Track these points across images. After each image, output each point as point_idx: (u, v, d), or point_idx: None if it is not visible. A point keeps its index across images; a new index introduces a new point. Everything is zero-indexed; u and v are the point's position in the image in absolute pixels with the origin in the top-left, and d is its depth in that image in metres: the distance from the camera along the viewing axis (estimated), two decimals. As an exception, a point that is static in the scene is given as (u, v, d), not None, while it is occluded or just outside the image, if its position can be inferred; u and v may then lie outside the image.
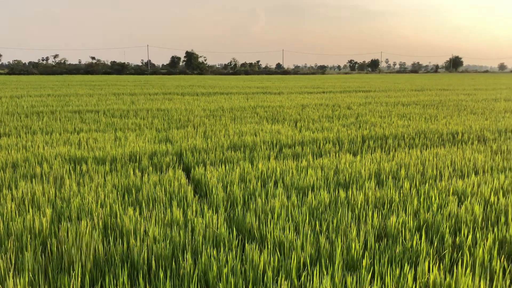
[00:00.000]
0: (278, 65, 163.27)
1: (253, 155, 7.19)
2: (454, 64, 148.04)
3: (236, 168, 6.11)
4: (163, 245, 3.55)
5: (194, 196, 5.09)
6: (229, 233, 3.90)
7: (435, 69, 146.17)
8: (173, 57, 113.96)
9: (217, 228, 3.92)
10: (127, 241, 3.70)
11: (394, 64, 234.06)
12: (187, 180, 5.73)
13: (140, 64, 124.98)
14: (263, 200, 4.75)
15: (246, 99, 19.76)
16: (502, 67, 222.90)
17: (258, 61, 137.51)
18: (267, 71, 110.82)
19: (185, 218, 4.26)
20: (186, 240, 3.69)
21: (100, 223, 4.09)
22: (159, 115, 12.98)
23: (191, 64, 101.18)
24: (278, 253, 3.44)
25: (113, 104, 16.13)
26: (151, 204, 4.64)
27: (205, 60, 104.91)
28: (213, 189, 5.10)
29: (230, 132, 9.55)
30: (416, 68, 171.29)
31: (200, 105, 15.97)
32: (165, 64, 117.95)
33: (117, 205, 4.56)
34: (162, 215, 4.31)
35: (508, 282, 3.04)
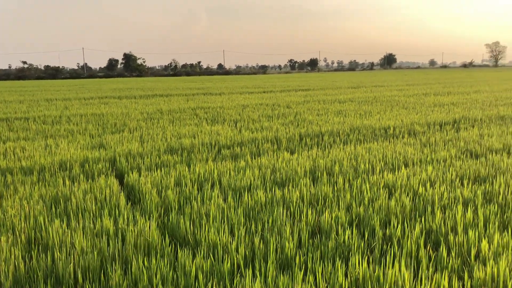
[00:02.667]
0: (220, 66, 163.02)
1: (190, 157, 7.08)
2: (389, 61, 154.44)
3: (172, 172, 5.99)
4: (91, 256, 3.39)
5: (127, 203, 4.92)
6: (162, 240, 3.79)
7: (371, 66, 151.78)
8: (110, 60, 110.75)
9: (149, 235, 3.80)
10: (52, 255, 3.49)
11: (332, 63, 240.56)
12: (120, 187, 5.54)
13: (76, 67, 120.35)
14: (199, 204, 4.68)
15: (186, 100, 19.53)
16: (432, 62, 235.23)
17: (199, 62, 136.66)
18: (208, 71, 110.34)
19: (116, 227, 4.10)
20: (116, 250, 3.54)
21: (23, 238, 3.85)
22: (94, 120, 12.52)
23: (130, 67, 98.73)
24: (212, 257, 3.39)
25: (44, 110, 15.38)
26: (80, 215, 4.43)
27: (144, 62, 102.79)
28: (147, 195, 4.95)
29: (168, 135, 9.37)
30: (353, 66, 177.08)
31: (137, 108, 15.58)
32: (102, 67, 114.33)
33: (43, 217, 4.31)
34: (92, 225, 4.13)
35: (432, 270, 3.16)
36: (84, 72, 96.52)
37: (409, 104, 15.73)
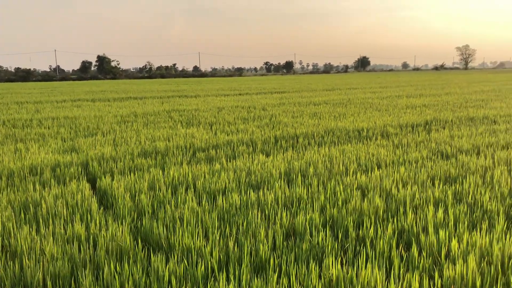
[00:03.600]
0: (195, 68, 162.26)
1: (165, 161, 7.01)
2: (363, 64, 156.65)
3: (146, 176, 5.92)
4: (61, 263, 3.31)
5: (99, 208, 4.84)
6: (135, 245, 3.74)
7: (345, 69, 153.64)
8: (84, 62, 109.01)
9: (122, 240, 3.74)
10: (20, 262, 3.40)
11: (308, 65, 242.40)
12: (92, 192, 5.44)
13: (48, 70, 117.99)
14: (173, 208, 4.63)
15: (161, 103, 19.36)
16: (405, 65, 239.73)
17: (174, 64, 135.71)
18: (184, 74, 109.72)
19: (88, 232, 4.03)
20: (87, 256, 3.48)
21: (-10, 245, 3.74)
22: (66, 123, 12.28)
23: (104, 69, 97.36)
24: (186, 261, 3.36)
25: (14, 114, 15.01)
26: (50, 220, 4.33)
27: (119, 64, 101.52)
28: (120, 200, 4.88)
29: (142, 138, 9.26)
30: (328, 69, 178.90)
31: (111, 111, 15.36)
32: (75, 69, 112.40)
33: (11, 223, 4.20)
34: (63, 231, 4.04)
35: (403, 270, 3.21)
36: (56, 75, 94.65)
37: (382, 106, 15.97)
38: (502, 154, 6.95)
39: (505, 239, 3.68)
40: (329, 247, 3.62)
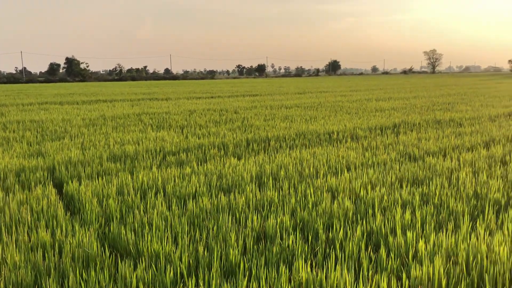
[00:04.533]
0: (167, 70, 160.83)
1: (134, 165, 6.90)
2: (333, 67, 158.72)
3: (115, 180, 5.81)
4: (24, 272, 3.21)
5: (66, 213, 4.71)
6: (102, 251, 3.65)
7: (316, 72, 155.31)
8: (51, 64, 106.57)
9: (89, 247, 3.65)
10: (-19, 272, 3.28)
11: (280, 69, 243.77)
12: (58, 197, 5.30)
13: (14, 72, 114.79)
14: (142, 213, 4.56)
15: (131, 106, 19.09)
16: (374, 69, 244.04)
17: (145, 67, 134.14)
18: (155, 76, 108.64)
19: (54, 239, 3.91)
20: (52, 264, 3.38)
21: (-51, 255, 3.58)
22: (32, 127, 11.95)
23: (72, 71, 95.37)
24: (154, 267, 3.30)
25: (-23, 117, 14.51)
26: (14, 227, 4.19)
27: (88, 66, 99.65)
28: (87, 205, 4.77)
29: (111, 141, 9.10)
30: (299, 72, 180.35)
31: (79, 114, 15.04)
32: (43, 71, 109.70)
33: (-28, 231, 4.04)
34: (27, 238, 3.91)
35: (371, 272, 3.25)
36: (22, 77, 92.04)
37: (352, 109, 16.19)
38: (467, 156, 7.14)
39: (470, 239, 3.78)
40: (299, 250, 3.63)
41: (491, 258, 3.36)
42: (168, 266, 3.30)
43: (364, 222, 4.23)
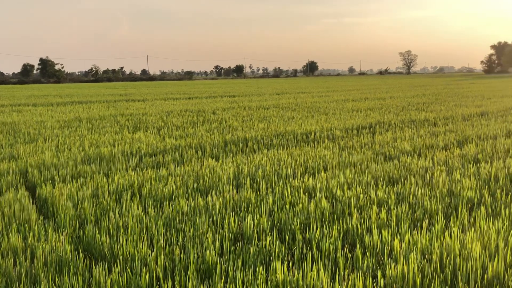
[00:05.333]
0: (144, 71, 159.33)
1: (109, 167, 6.80)
2: (311, 68, 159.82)
3: (90, 183, 5.71)
4: (-6, 278, 3.12)
5: (39, 217, 4.61)
6: (76, 256, 3.58)
7: (294, 73, 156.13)
8: (25, 65, 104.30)
9: (62, 251, 3.58)
10: None
11: (258, 70, 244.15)
12: (31, 201, 5.18)
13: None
14: (117, 216, 4.49)
15: (107, 107, 18.83)
16: (351, 70, 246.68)
17: (122, 67, 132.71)
18: (131, 77, 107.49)
19: (26, 244, 3.82)
20: (24, 270, 3.29)
21: None
22: (5, 129, 11.65)
23: (47, 72, 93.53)
24: (129, 270, 3.25)
25: None
26: (-17, 232, 4.07)
27: (63, 67, 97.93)
28: (61, 208, 4.67)
29: (86, 143, 8.94)
30: (277, 73, 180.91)
31: (54, 116, 14.76)
32: (16, 72, 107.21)
33: None
34: (-3, 243, 3.81)
35: (347, 271, 3.27)
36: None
37: (329, 110, 16.32)
38: (441, 155, 7.27)
39: (444, 237, 3.84)
40: (276, 250, 3.63)
41: (464, 255, 3.43)
42: (144, 269, 3.26)
43: (340, 221, 4.26)
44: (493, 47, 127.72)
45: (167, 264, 3.43)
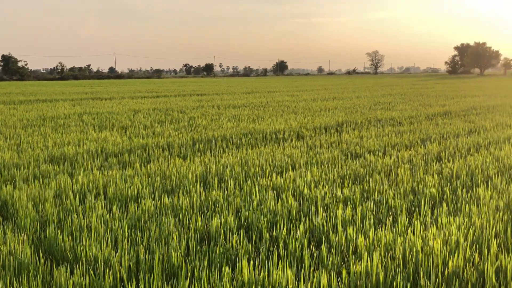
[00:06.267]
0: (111, 69, 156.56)
1: (74, 167, 6.64)
2: (280, 67, 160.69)
3: (53, 183, 5.56)
4: None
5: (-3, 219, 4.45)
6: (37, 258, 3.47)
7: (264, 72, 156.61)
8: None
9: (21, 253, 3.46)
10: None
11: (228, 68, 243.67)
12: (-10, 202, 4.99)
13: None
14: (81, 216, 4.38)
15: (73, 105, 18.40)
16: (320, 70, 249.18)
17: (89, 65, 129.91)
18: (99, 75, 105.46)
19: (-17, 247, 3.68)
20: (-20, 274, 3.17)
21: None
22: (-37, 128, 11.21)
23: (9, 69, 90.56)
24: (92, 272, 3.18)
25: None
26: None
27: (26, 64, 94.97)
28: (21, 210, 4.53)
29: (50, 143, 8.70)
30: (247, 72, 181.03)
31: (16, 115, 14.30)
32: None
33: None
34: (-48, 247, 3.65)
35: (312, 269, 3.29)
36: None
37: (298, 109, 16.44)
38: (405, 153, 7.44)
39: (407, 234, 3.92)
40: (243, 249, 3.62)
41: (426, 251, 3.51)
42: (107, 270, 3.19)
43: (307, 219, 4.29)
44: (456, 48, 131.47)
45: (131, 265, 3.37)
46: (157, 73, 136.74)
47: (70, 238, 3.79)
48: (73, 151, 7.75)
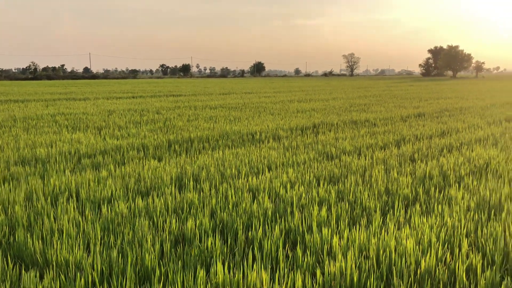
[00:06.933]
0: (86, 69, 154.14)
1: (46, 169, 6.49)
2: (258, 69, 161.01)
3: (23, 186, 5.42)
4: None
5: (-36, 223, 4.30)
6: (4, 263, 3.37)
7: (242, 73, 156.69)
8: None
9: (-11, 258, 3.36)
10: None
11: (205, 69, 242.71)
12: (-44, 205, 4.83)
13: None
14: (52, 219, 4.28)
15: (46, 106, 18.02)
16: (297, 71, 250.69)
17: (63, 65, 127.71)
18: (73, 75, 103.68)
19: None
20: None
21: None
22: None
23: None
24: (63, 276, 3.11)
25: None
26: None
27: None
28: (-11, 213, 4.39)
29: (21, 144, 8.49)
30: (225, 73, 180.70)
31: (-14, 115, 13.90)
32: None
33: None
34: None
35: (287, 270, 3.30)
36: None
37: (275, 110, 16.48)
38: (380, 154, 7.53)
39: (381, 234, 3.97)
40: (218, 251, 3.60)
41: (399, 251, 3.55)
42: (79, 274, 3.12)
43: (283, 220, 4.29)
44: (430, 51, 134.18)
45: (104, 268, 3.31)
46: (133, 74, 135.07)
47: (40, 241, 3.70)
48: (45, 152, 7.58)
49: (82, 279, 3.07)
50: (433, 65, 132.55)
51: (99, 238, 3.84)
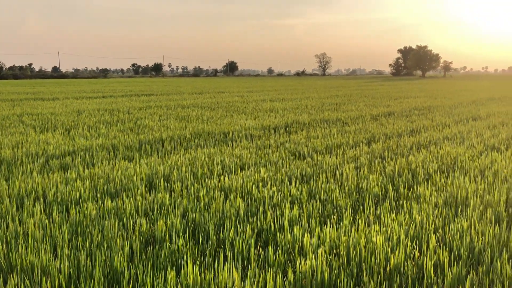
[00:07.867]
0: (55, 68, 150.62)
1: (11, 170, 6.30)
2: (231, 68, 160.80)
3: (-14, 188, 5.24)
4: None
5: None
6: (-34, 268, 3.25)
7: (215, 73, 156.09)
8: None
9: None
10: None
11: (177, 68, 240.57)
12: None
13: None
14: (17, 222, 4.16)
15: (12, 106, 17.51)
16: (270, 71, 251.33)
17: (30, 64, 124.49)
18: (41, 75, 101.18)
19: None
20: None
21: None
22: None
23: None
24: (28, 281, 3.01)
25: None
26: None
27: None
28: (-50, 217, 4.23)
29: (-15, 145, 8.22)
30: (197, 72, 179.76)
31: None
32: None
33: None
34: None
35: (258, 269, 3.29)
36: None
37: (248, 109, 16.48)
38: (351, 153, 7.62)
39: (351, 231, 4.01)
40: (189, 252, 3.56)
41: (369, 248, 3.60)
42: (45, 278, 3.04)
43: (255, 220, 4.29)
44: (400, 51, 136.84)
45: (71, 272, 3.23)
46: (104, 73, 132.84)
47: (4, 245, 3.58)
48: (11, 153, 7.36)
49: (49, 283, 2.99)
50: (402, 64, 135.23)
51: (67, 241, 3.75)
